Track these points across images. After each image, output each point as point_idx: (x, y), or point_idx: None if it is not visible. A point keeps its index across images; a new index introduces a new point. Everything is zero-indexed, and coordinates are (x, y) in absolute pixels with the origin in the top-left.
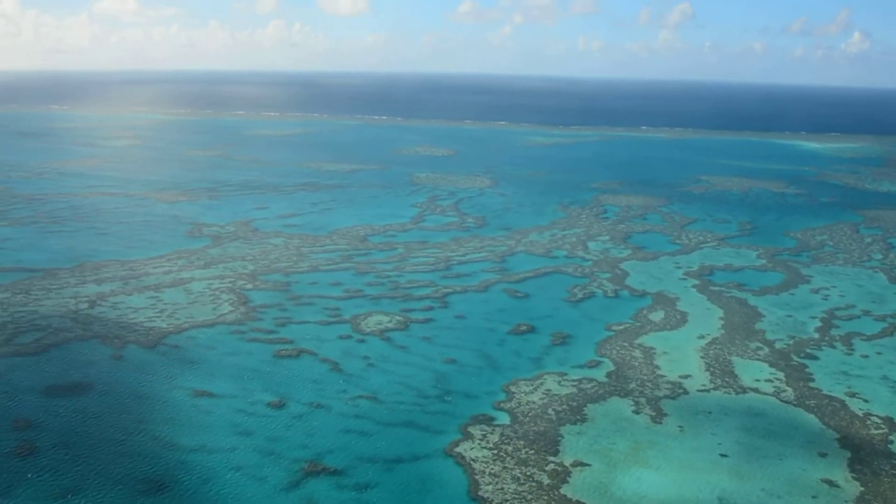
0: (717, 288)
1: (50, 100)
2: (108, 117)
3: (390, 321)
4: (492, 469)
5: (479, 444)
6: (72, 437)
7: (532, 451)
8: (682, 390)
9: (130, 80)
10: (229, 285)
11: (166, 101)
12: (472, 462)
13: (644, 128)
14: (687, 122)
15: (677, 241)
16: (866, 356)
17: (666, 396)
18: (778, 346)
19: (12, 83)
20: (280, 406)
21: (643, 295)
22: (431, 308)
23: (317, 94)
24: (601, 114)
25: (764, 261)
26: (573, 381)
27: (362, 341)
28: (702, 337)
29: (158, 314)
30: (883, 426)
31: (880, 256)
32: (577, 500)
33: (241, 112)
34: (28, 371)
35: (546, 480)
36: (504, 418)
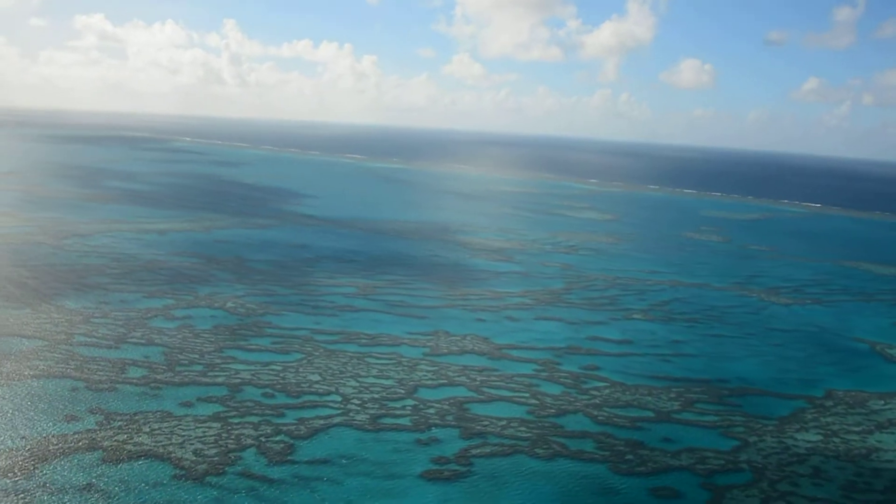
0: None
1: (434, 156)
2: (522, 181)
3: None
4: None
5: None
6: None
7: None
8: None
9: (480, 140)
10: None
11: (554, 166)
12: None
13: None
14: None
15: None
16: None
17: None
18: None
19: (380, 137)
20: None
21: None
22: None
23: (700, 170)
24: None
25: None
26: None
27: None
28: None
29: None
30: None
31: None
32: None
33: (654, 186)
34: None
35: None
36: None
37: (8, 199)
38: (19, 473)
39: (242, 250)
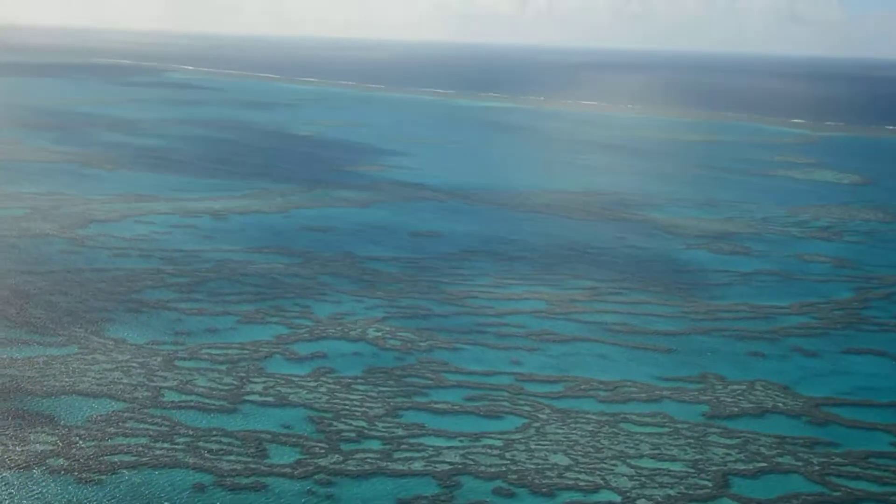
0: None
1: (544, 88)
2: (692, 124)
3: None
4: None
5: None
6: None
7: None
8: None
9: (597, 61)
10: None
11: (727, 99)
12: None
13: None
14: None
15: None
16: None
17: None
18: None
19: (458, 60)
20: None
21: None
22: None
23: None
24: None
25: None
26: None
27: None
28: None
29: None
30: None
31: None
32: None
33: (893, 127)
34: None
35: None
36: None
37: None
38: None
39: (349, 242)
